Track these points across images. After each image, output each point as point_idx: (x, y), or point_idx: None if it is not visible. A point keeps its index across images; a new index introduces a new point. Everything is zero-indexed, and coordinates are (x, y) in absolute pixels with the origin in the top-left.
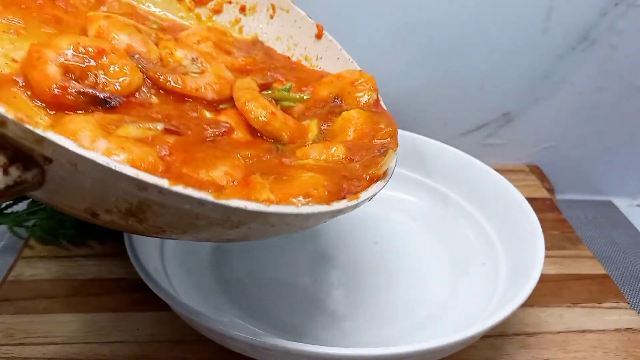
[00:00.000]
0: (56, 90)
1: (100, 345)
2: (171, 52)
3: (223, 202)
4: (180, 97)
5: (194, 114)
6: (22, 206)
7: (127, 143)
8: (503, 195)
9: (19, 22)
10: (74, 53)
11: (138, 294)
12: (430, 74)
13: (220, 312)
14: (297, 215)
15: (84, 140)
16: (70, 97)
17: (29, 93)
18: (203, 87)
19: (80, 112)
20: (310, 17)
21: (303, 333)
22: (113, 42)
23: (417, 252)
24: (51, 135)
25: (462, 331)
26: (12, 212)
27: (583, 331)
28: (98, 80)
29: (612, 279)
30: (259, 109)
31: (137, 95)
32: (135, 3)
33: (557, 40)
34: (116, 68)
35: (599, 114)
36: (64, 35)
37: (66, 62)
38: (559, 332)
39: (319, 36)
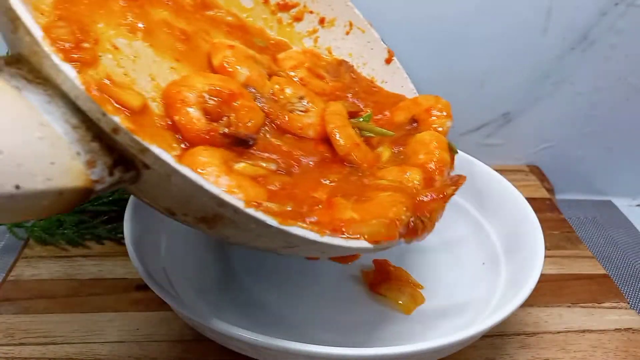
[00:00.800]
0: (206, 137)
1: (100, 345)
2: (282, 89)
3: (284, 227)
4: (284, 131)
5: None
6: None
7: (244, 182)
8: (503, 195)
9: (141, 24)
10: (210, 96)
11: (138, 294)
12: (430, 74)
13: (220, 312)
14: (345, 248)
15: (211, 175)
16: (215, 139)
17: (164, 122)
18: (306, 127)
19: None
20: (383, 41)
21: (303, 333)
22: (237, 74)
23: (417, 252)
24: (154, 148)
25: (462, 331)
26: None
27: (583, 331)
28: (231, 121)
29: (612, 279)
30: (346, 139)
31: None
32: (242, 15)
33: (557, 40)
34: (245, 110)
35: (599, 114)
36: (197, 76)
37: (205, 104)
38: (558, 332)
39: (388, 61)
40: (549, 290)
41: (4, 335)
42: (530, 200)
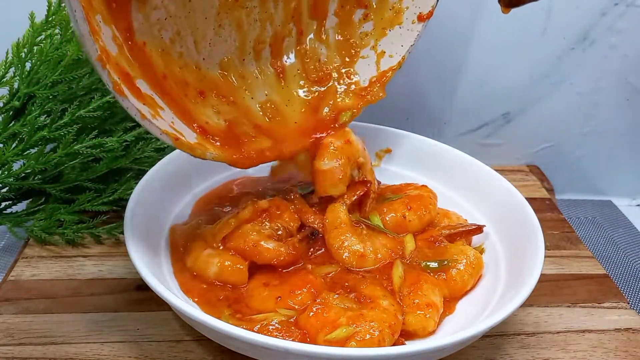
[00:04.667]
0: (293, 252)
1: (100, 345)
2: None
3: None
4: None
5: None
6: (21, 206)
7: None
8: (503, 195)
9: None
10: (267, 224)
11: (138, 294)
12: (430, 74)
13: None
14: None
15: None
16: (298, 249)
17: None
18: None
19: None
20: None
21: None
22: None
23: None
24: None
25: (462, 331)
26: (11, 212)
27: (583, 331)
28: (283, 226)
29: (612, 279)
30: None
31: None
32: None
33: (557, 41)
34: (288, 216)
35: (599, 114)
36: (244, 228)
37: (264, 231)
38: (558, 332)
39: None
40: (548, 290)
41: (4, 335)
42: (530, 200)
